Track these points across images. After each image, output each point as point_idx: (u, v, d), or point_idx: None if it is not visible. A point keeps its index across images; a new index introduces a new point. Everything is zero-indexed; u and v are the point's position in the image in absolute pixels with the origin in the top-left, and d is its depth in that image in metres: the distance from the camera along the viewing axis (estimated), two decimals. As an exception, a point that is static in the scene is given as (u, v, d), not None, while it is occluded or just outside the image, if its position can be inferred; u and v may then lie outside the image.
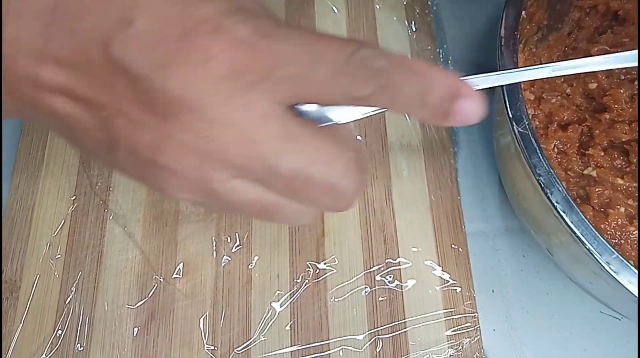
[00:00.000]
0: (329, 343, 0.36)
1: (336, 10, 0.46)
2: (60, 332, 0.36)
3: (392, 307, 0.37)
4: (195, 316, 0.36)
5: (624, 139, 0.35)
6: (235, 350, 0.35)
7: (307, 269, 0.38)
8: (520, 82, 0.28)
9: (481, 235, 0.40)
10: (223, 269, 0.38)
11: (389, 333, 0.36)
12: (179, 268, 0.38)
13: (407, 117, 0.42)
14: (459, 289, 0.37)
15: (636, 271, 0.25)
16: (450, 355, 0.35)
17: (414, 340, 0.36)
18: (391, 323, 0.36)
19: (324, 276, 0.37)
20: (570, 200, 0.27)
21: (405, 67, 0.20)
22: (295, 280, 0.37)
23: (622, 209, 0.32)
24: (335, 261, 0.38)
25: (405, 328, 0.36)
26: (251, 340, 0.36)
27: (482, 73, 0.44)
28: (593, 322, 0.37)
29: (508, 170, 0.34)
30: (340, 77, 0.19)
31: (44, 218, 0.39)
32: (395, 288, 0.37)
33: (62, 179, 0.40)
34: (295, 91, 0.19)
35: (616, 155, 0.36)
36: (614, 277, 0.26)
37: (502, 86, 0.28)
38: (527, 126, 0.28)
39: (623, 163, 0.36)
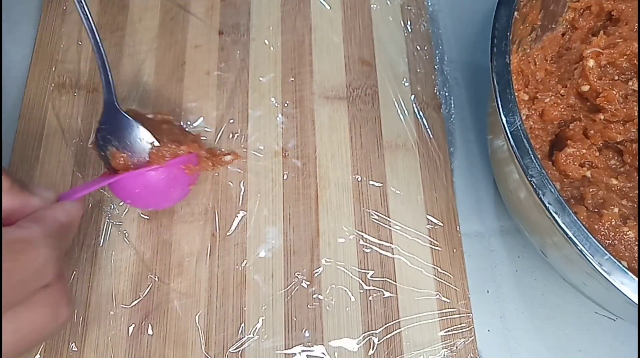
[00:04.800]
0: (323, 343, 0.36)
1: (332, 11, 0.46)
2: (55, 336, 0.36)
3: (387, 308, 0.37)
4: (190, 316, 0.36)
5: (618, 140, 0.35)
6: (229, 350, 0.35)
7: (302, 269, 0.38)
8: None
9: (476, 235, 0.40)
10: (217, 269, 0.38)
11: (383, 334, 0.36)
12: (174, 268, 0.38)
13: (402, 118, 0.42)
14: (453, 290, 0.37)
15: (629, 271, 0.25)
16: (444, 356, 0.35)
17: (408, 340, 0.36)
18: (385, 323, 0.36)
19: (318, 276, 0.37)
20: (563, 201, 0.27)
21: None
22: (290, 280, 0.37)
23: (616, 210, 0.32)
24: (329, 262, 0.38)
25: (399, 328, 0.36)
26: (245, 340, 0.36)
27: (476, 74, 0.44)
28: (588, 322, 0.37)
29: (501, 171, 0.34)
30: None
31: (39, 218, 0.39)
32: (389, 288, 0.37)
33: (57, 179, 0.40)
34: None
35: (611, 155, 0.36)
36: (606, 278, 0.26)
37: (494, 87, 0.28)
38: (519, 127, 0.28)
39: (617, 164, 0.36)
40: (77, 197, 0.32)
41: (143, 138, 0.36)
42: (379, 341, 0.36)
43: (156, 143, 0.36)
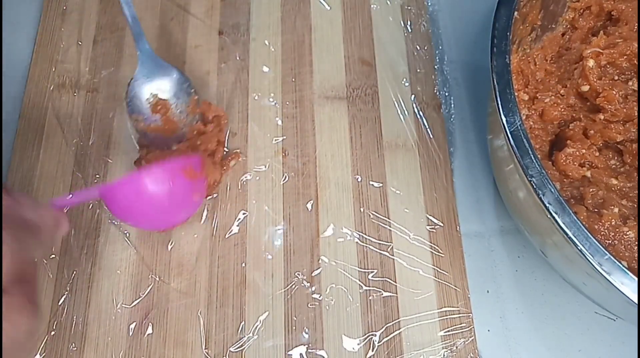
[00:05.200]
0: (323, 343, 0.36)
1: (332, 11, 0.46)
2: (54, 332, 0.36)
3: (387, 307, 0.37)
4: (190, 315, 0.36)
5: (618, 140, 0.35)
6: (229, 350, 0.35)
7: (302, 269, 0.38)
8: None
9: (476, 235, 0.40)
10: (217, 269, 0.38)
11: (383, 334, 0.36)
12: (174, 268, 0.38)
13: (402, 118, 0.42)
14: (453, 290, 0.37)
15: (629, 271, 0.25)
16: (444, 356, 0.35)
17: (408, 340, 0.36)
18: (385, 323, 0.36)
19: (318, 276, 0.37)
20: (563, 201, 0.27)
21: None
22: (290, 280, 0.37)
23: (616, 210, 0.32)
24: (329, 262, 0.38)
25: (399, 328, 0.36)
26: (245, 339, 0.36)
27: (476, 74, 0.44)
28: (588, 322, 0.37)
29: (502, 171, 0.34)
30: None
31: (39, 218, 0.39)
32: (389, 288, 0.37)
33: (57, 178, 0.40)
34: None
35: (611, 155, 0.36)
36: (606, 278, 0.26)
37: (494, 87, 0.28)
38: (519, 127, 0.28)
39: (617, 164, 0.36)
40: (59, 205, 0.30)
41: (184, 82, 0.37)
42: (379, 341, 0.36)
43: (195, 94, 0.36)
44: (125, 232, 0.39)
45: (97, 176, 0.40)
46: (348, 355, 0.35)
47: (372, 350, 0.36)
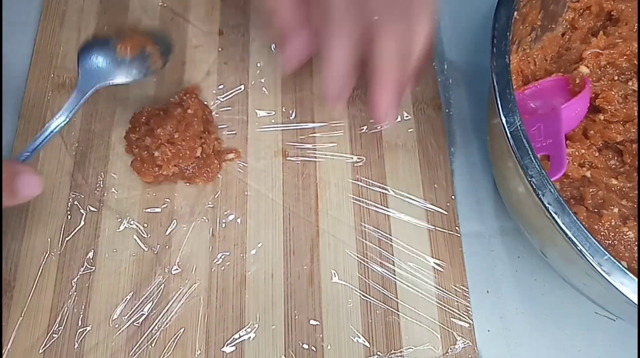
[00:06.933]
0: (322, 343, 0.36)
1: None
2: (55, 335, 0.36)
3: (386, 307, 0.37)
4: (190, 316, 0.36)
5: (618, 140, 0.35)
6: (229, 351, 0.35)
7: (304, 267, 0.38)
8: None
9: (476, 235, 0.40)
10: (217, 269, 0.38)
11: (383, 334, 0.36)
12: (173, 268, 0.38)
13: (402, 118, 0.42)
14: (453, 289, 0.37)
15: (628, 272, 0.25)
16: (444, 356, 0.35)
17: (409, 340, 0.36)
18: (385, 324, 0.36)
19: (318, 277, 0.37)
20: (562, 201, 0.27)
21: None
22: (290, 280, 0.37)
23: (616, 210, 0.32)
24: (329, 262, 0.38)
25: (399, 328, 0.36)
26: (245, 340, 0.36)
27: (476, 74, 0.44)
28: (587, 322, 0.37)
29: (501, 171, 0.34)
30: None
31: (39, 218, 0.39)
32: (389, 288, 0.37)
33: (57, 179, 0.40)
34: None
35: (610, 155, 0.36)
36: (606, 278, 0.26)
37: (494, 88, 0.29)
38: (519, 127, 0.28)
39: (617, 164, 0.36)
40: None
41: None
42: (379, 341, 0.36)
43: None
44: (125, 233, 0.39)
45: (97, 176, 0.40)
46: (348, 355, 0.35)
47: (373, 351, 0.35)
